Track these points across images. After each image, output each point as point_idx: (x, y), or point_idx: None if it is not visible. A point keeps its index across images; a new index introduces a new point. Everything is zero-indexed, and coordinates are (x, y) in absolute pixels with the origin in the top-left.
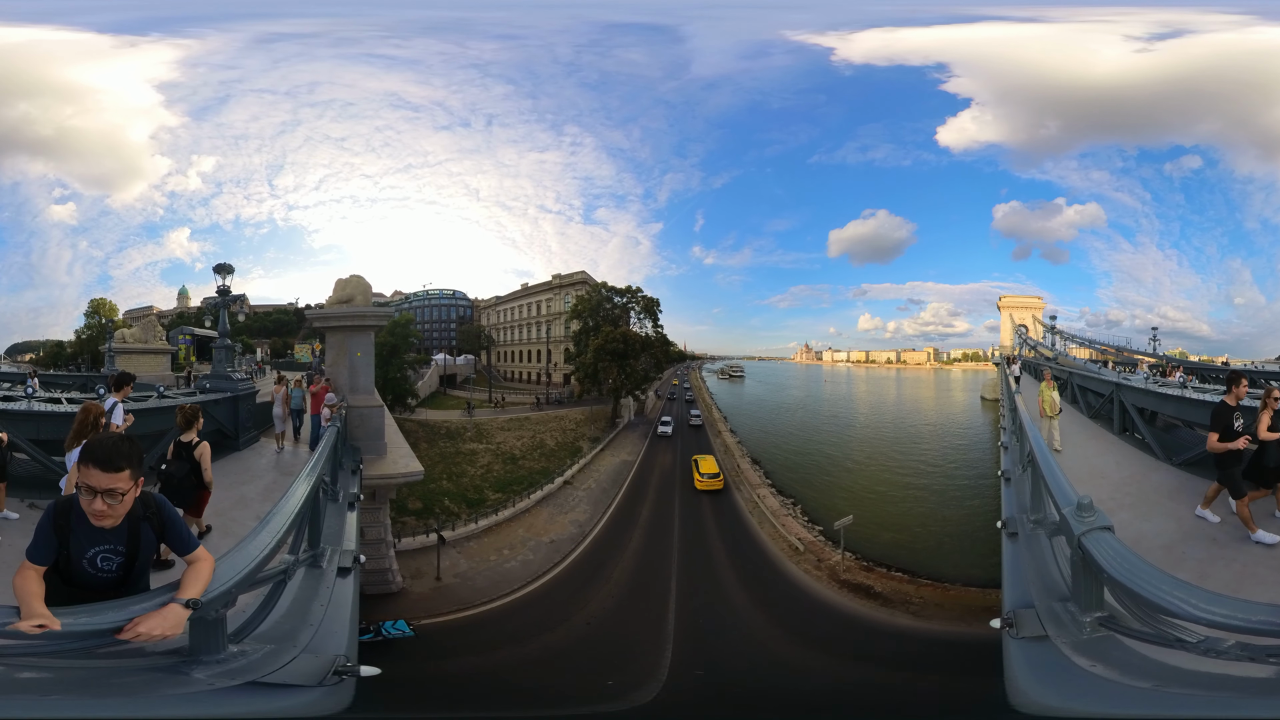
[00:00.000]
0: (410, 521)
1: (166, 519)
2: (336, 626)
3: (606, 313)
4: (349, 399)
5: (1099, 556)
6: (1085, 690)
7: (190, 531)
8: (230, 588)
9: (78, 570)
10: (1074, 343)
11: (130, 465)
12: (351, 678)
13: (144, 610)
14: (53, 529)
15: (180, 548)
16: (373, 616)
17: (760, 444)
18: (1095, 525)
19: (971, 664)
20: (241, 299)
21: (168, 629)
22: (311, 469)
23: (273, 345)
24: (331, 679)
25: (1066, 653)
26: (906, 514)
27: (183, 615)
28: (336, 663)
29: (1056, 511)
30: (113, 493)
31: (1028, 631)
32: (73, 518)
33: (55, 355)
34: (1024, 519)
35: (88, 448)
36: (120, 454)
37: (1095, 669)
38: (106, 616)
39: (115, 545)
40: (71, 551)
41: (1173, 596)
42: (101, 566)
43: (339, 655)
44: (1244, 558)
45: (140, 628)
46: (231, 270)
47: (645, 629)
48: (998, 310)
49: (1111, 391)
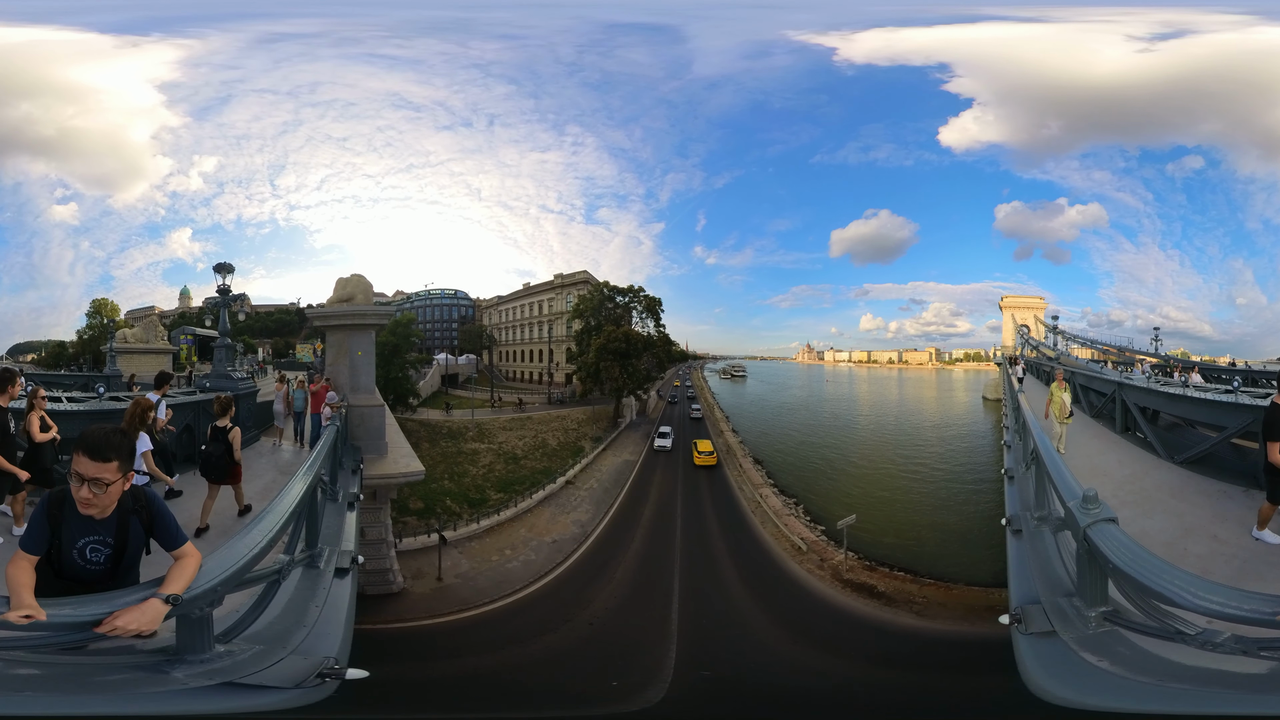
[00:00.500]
0: (411, 521)
1: (156, 513)
2: (330, 628)
3: (608, 312)
4: (350, 398)
5: (1104, 547)
6: (1092, 684)
7: (179, 527)
8: (215, 586)
9: (68, 561)
10: (1076, 343)
11: (119, 457)
12: (336, 680)
13: (126, 604)
14: (46, 518)
15: (168, 543)
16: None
17: (763, 445)
18: (1100, 517)
19: (976, 662)
20: (243, 299)
21: (144, 623)
22: (309, 468)
23: (274, 345)
24: (313, 681)
25: (1074, 647)
26: (909, 514)
27: (161, 610)
28: (324, 665)
29: (1061, 506)
30: (99, 482)
31: (1035, 627)
32: (65, 508)
33: (57, 355)
34: (1028, 516)
35: (83, 436)
36: (110, 445)
37: (1101, 664)
38: (90, 609)
39: (104, 537)
40: (63, 542)
41: (1173, 584)
42: (90, 558)
43: (329, 657)
44: (1245, 554)
45: (118, 621)
46: (231, 270)
47: (648, 629)
48: (999, 310)
49: (1114, 391)
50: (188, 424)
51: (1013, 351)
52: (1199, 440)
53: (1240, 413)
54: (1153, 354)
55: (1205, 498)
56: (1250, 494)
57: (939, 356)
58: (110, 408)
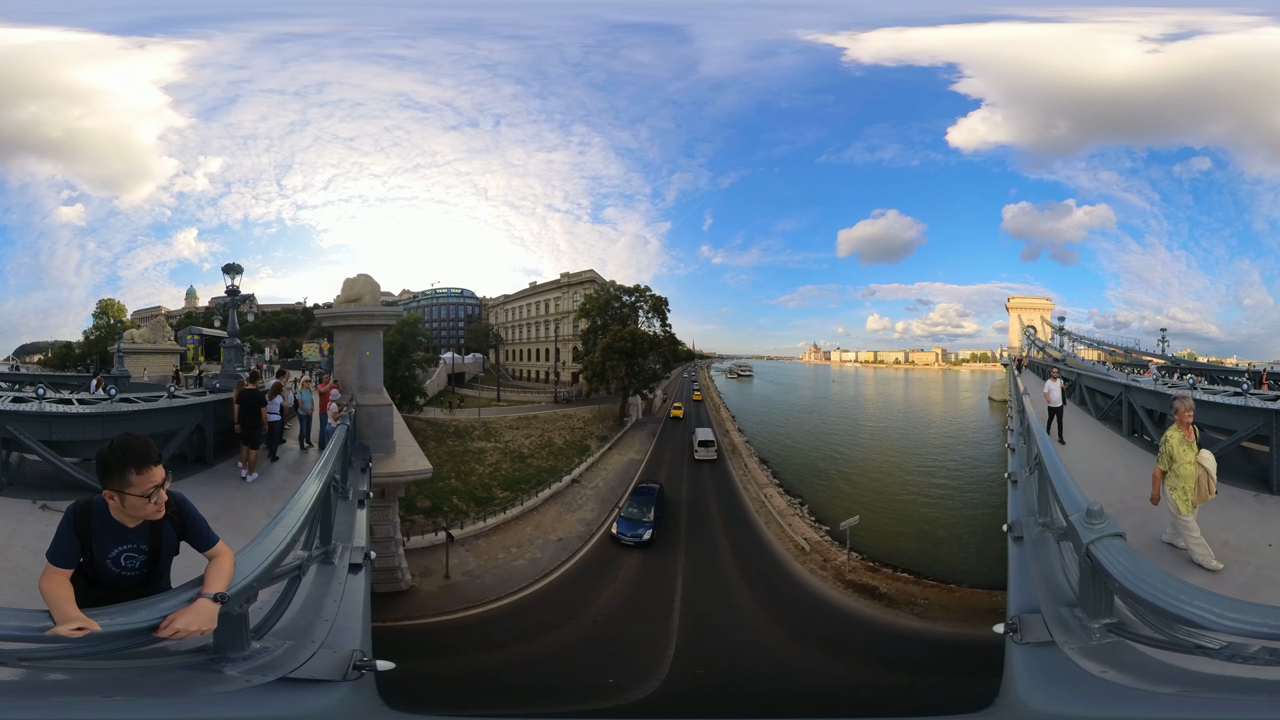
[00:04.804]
0: (419, 520)
1: (187, 516)
2: (350, 622)
3: (615, 311)
4: (358, 398)
5: (1109, 565)
6: (1094, 696)
7: (210, 527)
8: (252, 581)
9: (102, 570)
10: (1082, 344)
11: (161, 457)
12: (369, 672)
13: (174, 607)
14: (74, 531)
15: (201, 544)
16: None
17: (770, 447)
18: (1105, 533)
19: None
20: (250, 299)
21: (202, 624)
22: (322, 467)
23: (281, 344)
24: (353, 674)
25: (1074, 659)
26: (913, 515)
27: (213, 610)
28: (354, 657)
29: (1064, 518)
30: (163, 484)
31: (1032, 637)
32: (94, 519)
33: (64, 356)
34: (1031, 522)
35: (126, 451)
36: (153, 448)
37: (1106, 675)
38: (139, 615)
39: (138, 544)
40: (95, 553)
41: (1193, 605)
42: (125, 565)
43: (355, 650)
44: (1258, 560)
45: (177, 624)
46: (240, 270)
47: (649, 628)
48: (1006, 311)
49: (1120, 393)
50: (198, 424)
51: (1019, 353)
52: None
53: (1250, 416)
54: (1159, 355)
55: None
56: (1260, 498)
57: (945, 357)
58: (121, 409)
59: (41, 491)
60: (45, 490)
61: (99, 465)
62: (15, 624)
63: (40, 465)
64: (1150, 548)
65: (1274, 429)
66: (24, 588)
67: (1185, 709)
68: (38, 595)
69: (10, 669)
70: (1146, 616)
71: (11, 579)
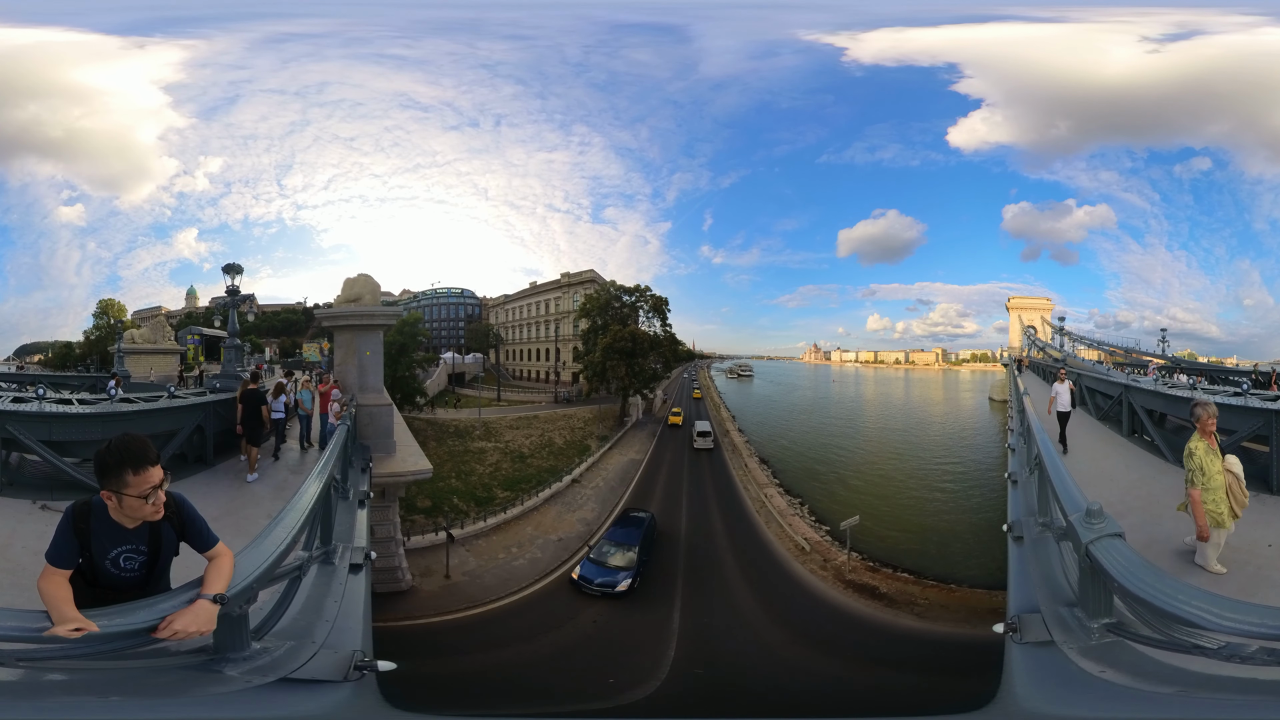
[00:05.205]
0: (419, 520)
1: (187, 516)
2: (351, 622)
3: (615, 311)
4: (358, 398)
5: (1109, 565)
6: (1093, 696)
7: (209, 528)
8: (252, 582)
9: (102, 571)
10: (1082, 344)
11: (158, 457)
12: (371, 672)
13: (174, 608)
14: (73, 532)
15: (200, 544)
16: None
17: (770, 447)
18: (1105, 533)
19: (975, 665)
20: (250, 299)
21: (201, 625)
22: (323, 468)
23: (281, 345)
24: (354, 674)
25: (1074, 658)
26: (913, 515)
27: (213, 611)
28: (355, 658)
29: (1064, 518)
30: (161, 484)
31: (1032, 637)
32: (93, 520)
33: (64, 356)
34: (1031, 522)
35: (124, 452)
36: (150, 448)
37: (1105, 674)
38: (138, 616)
39: (137, 545)
40: (94, 553)
41: (1192, 605)
42: (125, 566)
43: (356, 650)
44: (1257, 560)
45: (176, 625)
46: (241, 270)
47: (649, 628)
48: (1006, 311)
49: (1120, 393)
50: (199, 424)
51: (1020, 353)
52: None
53: (1251, 416)
54: (1159, 355)
55: None
56: (1261, 499)
57: (946, 357)
58: (121, 409)
59: (41, 491)
60: (45, 490)
61: (96, 466)
62: (13, 624)
63: (40, 465)
64: (1151, 548)
65: (1274, 429)
66: (23, 588)
67: (1184, 709)
68: (37, 595)
69: (8, 669)
70: (1145, 616)
71: (11, 579)
